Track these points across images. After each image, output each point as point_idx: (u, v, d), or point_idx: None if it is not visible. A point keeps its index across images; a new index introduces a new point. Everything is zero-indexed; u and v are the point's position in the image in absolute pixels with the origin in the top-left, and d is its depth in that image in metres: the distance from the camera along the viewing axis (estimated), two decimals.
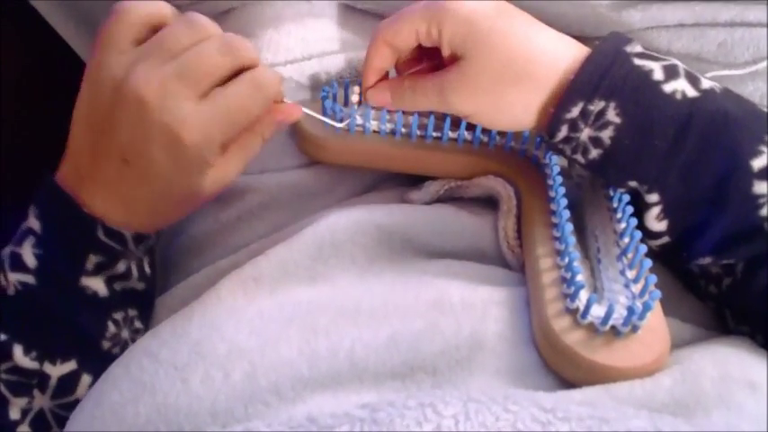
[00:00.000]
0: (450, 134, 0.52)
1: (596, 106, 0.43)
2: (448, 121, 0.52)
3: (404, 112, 0.52)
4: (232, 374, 0.37)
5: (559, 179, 0.47)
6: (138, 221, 0.46)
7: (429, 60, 0.51)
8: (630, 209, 0.45)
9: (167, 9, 0.45)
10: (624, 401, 0.35)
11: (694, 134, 0.42)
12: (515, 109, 0.46)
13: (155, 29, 0.44)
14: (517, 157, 0.52)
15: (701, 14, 0.56)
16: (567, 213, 0.44)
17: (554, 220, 0.46)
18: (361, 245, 0.46)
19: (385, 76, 0.51)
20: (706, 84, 0.43)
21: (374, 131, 0.53)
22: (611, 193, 0.47)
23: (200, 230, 0.53)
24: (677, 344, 0.41)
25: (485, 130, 0.52)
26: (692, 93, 0.43)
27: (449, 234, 0.48)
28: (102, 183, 0.44)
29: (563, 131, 0.44)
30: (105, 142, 0.43)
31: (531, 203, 0.48)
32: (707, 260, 0.44)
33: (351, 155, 0.53)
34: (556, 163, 0.49)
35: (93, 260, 0.44)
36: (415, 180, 0.53)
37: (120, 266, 0.45)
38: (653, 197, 0.43)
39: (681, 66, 0.44)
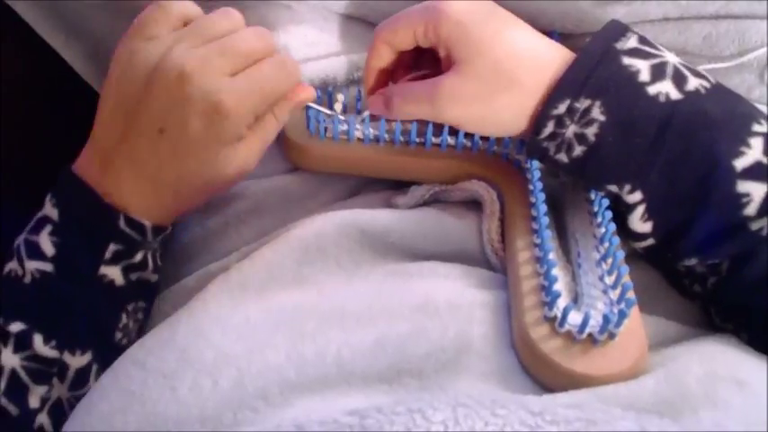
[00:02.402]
0: (434, 139, 0.53)
1: (582, 104, 0.43)
2: (430, 126, 0.52)
3: (387, 119, 0.52)
4: (220, 381, 0.37)
5: (540, 185, 0.48)
6: (160, 206, 0.47)
7: (427, 68, 0.51)
8: (610, 214, 0.45)
9: (199, 10, 0.48)
10: (610, 402, 0.35)
11: (673, 135, 0.42)
12: (504, 115, 0.46)
13: (186, 24, 0.47)
14: (500, 161, 0.53)
15: (687, 8, 0.56)
16: (546, 220, 0.45)
17: (534, 226, 0.46)
18: (347, 249, 0.47)
19: (385, 83, 0.52)
20: (692, 84, 0.44)
21: (358, 138, 0.53)
22: (592, 196, 0.47)
23: (189, 237, 0.53)
24: (662, 342, 0.42)
25: (467, 135, 0.53)
26: (675, 95, 0.43)
27: (434, 237, 0.48)
28: (131, 162, 0.45)
29: (549, 127, 0.44)
30: (139, 117, 0.45)
31: (513, 208, 0.49)
32: (692, 261, 0.45)
33: (335, 161, 0.54)
34: (537, 168, 0.49)
35: (112, 249, 0.46)
36: (400, 184, 0.54)
37: (138, 256, 0.47)
38: (636, 196, 0.44)
39: (671, 63, 0.44)
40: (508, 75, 0.45)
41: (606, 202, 0.46)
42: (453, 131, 0.52)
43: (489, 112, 0.46)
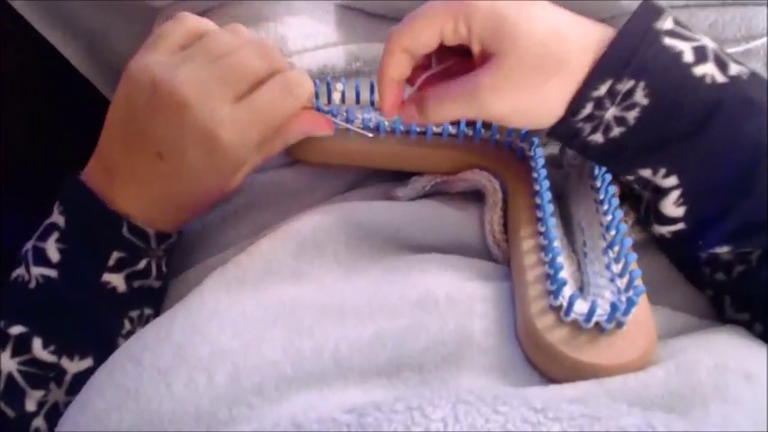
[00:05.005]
0: (435, 129, 0.52)
1: (625, 85, 0.41)
2: None
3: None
4: (215, 377, 0.37)
5: (544, 172, 0.47)
6: (163, 218, 0.47)
7: (440, 63, 0.48)
8: (616, 201, 0.44)
9: (213, 25, 0.48)
10: (617, 395, 0.34)
11: (720, 121, 0.41)
12: (554, 101, 0.43)
13: (200, 38, 0.46)
14: (502, 150, 0.52)
15: None
16: (550, 208, 0.44)
17: (539, 214, 0.45)
18: (345, 243, 0.46)
19: (401, 90, 0.47)
20: (734, 69, 0.42)
21: (357, 128, 0.52)
22: (598, 184, 0.46)
23: (187, 232, 0.53)
24: (669, 333, 0.41)
25: (469, 124, 0.52)
26: (720, 78, 0.41)
27: (434, 229, 0.47)
28: (133, 178, 0.46)
29: (587, 109, 0.42)
30: (140, 138, 0.45)
31: (516, 198, 0.48)
32: (724, 248, 0.43)
33: (335, 154, 0.53)
34: (541, 156, 0.48)
35: (115, 256, 0.46)
36: (400, 176, 0.53)
37: (141, 264, 0.47)
38: (671, 180, 0.43)
39: (710, 47, 0.43)
40: (555, 56, 0.42)
41: (613, 189, 0.45)
42: (454, 120, 0.51)
43: (539, 100, 0.42)
